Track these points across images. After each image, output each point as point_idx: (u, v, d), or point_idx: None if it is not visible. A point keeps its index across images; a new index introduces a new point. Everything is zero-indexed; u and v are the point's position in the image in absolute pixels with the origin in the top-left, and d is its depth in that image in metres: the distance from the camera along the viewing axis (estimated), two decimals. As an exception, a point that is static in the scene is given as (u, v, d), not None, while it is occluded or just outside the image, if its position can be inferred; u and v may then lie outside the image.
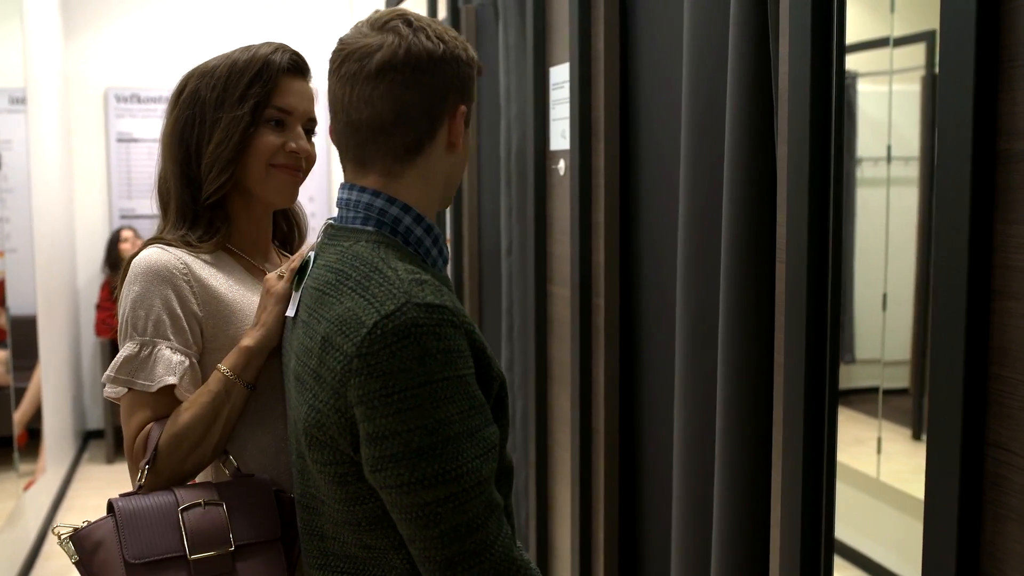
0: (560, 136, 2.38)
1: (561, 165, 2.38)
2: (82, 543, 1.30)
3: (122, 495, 1.34)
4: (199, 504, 1.33)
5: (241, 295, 1.47)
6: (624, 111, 2.13)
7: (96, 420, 6.20)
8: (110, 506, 1.33)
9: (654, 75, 2.02)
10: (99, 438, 6.11)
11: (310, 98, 1.52)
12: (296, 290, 1.33)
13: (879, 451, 3.26)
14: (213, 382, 1.39)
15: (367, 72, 1.20)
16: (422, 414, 1.10)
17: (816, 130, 1.34)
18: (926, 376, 2.96)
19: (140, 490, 1.37)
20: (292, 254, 1.65)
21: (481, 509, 1.13)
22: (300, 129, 1.49)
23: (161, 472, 1.37)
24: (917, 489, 3.04)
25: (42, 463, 4.44)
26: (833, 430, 1.40)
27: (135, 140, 6.15)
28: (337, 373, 1.13)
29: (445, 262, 1.30)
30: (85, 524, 1.31)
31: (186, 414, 1.37)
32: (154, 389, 1.39)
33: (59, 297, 5.21)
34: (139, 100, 6.14)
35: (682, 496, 1.81)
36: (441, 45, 1.22)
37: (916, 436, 3.25)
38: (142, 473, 1.36)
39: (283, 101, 1.46)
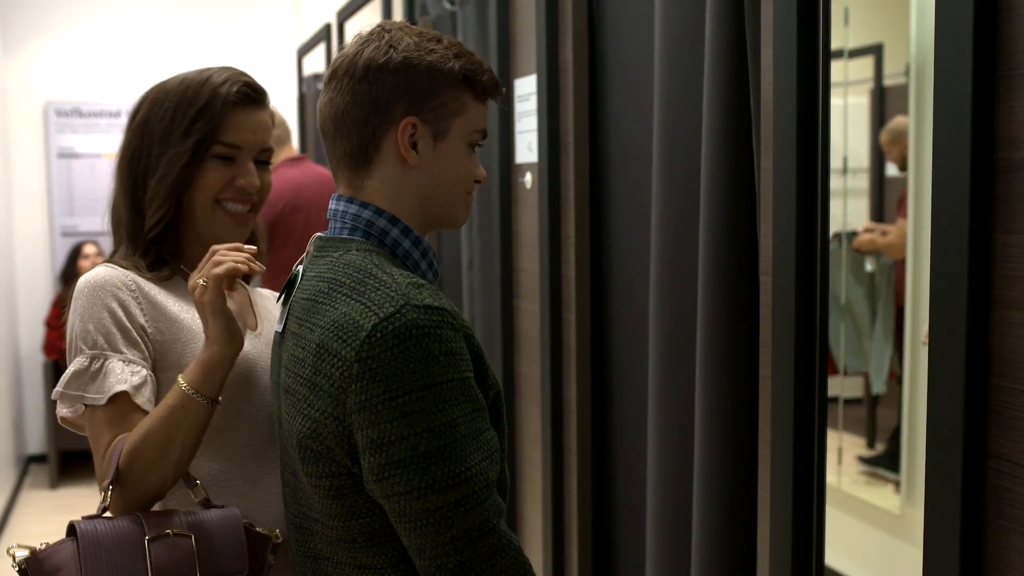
0: (526, 149, 2.35)
1: (527, 178, 2.36)
2: (38, 568, 1.21)
3: (85, 518, 1.26)
4: (167, 535, 1.25)
5: (192, 317, 1.43)
6: (593, 122, 2.11)
7: (38, 444, 6.01)
8: (71, 529, 1.25)
9: (624, 85, 2.00)
10: (41, 463, 5.93)
11: (264, 128, 1.47)
12: (284, 305, 1.29)
13: (840, 461, 3.28)
14: (171, 395, 1.33)
15: (325, 78, 1.25)
16: (428, 417, 1.07)
17: (803, 140, 1.33)
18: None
19: (104, 513, 1.28)
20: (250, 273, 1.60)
21: (492, 512, 1.11)
22: (251, 164, 1.45)
23: (125, 490, 1.29)
24: (874, 497, 3.06)
25: (-17, 490, 4.28)
26: (823, 446, 1.39)
27: (76, 155, 6.00)
28: (336, 380, 1.11)
29: (435, 276, 1.27)
30: (43, 547, 1.23)
31: (142, 427, 1.31)
32: (104, 401, 1.33)
33: (-1, 317, 5.06)
34: (80, 114, 5.99)
35: (657, 515, 1.78)
36: (395, 55, 1.18)
37: (870, 445, 3.28)
38: (106, 495, 1.29)
39: (230, 136, 1.43)
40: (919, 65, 2.64)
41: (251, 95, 1.45)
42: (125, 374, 1.34)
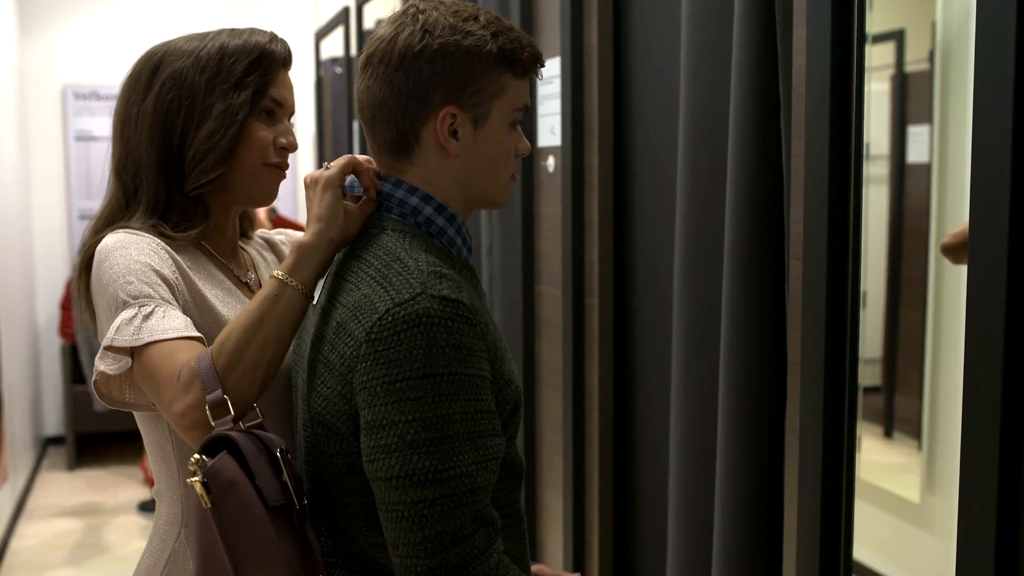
0: (549, 132, 2.33)
1: (550, 162, 2.34)
2: (216, 480, 1.11)
3: (227, 430, 1.15)
4: (282, 450, 1.16)
5: (215, 296, 1.38)
6: (618, 106, 2.09)
7: (55, 426, 6.04)
8: (221, 443, 1.14)
9: (649, 68, 1.98)
10: (59, 445, 5.96)
11: (293, 91, 1.46)
12: (321, 277, 1.28)
13: (859, 450, 3.27)
14: (267, 287, 1.22)
15: (361, 62, 1.22)
16: (422, 406, 1.06)
17: (836, 124, 1.31)
18: (897, 374, 2.96)
19: (236, 424, 1.17)
20: (246, 241, 1.56)
21: (470, 519, 1.07)
22: (288, 123, 1.43)
23: (232, 394, 1.17)
24: (893, 486, 3.04)
25: (2, 470, 4.30)
26: (852, 433, 1.37)
27: (95, 138, 6.00)
28: (346, 358, 1.11)
29: (470, 252, 1.26)
30: (207, 461, 1.12)
31: (231, 322, 1.21)
32: (172, 336, 1.20)
33: (17, 299, 5.07)
34: (98, 97, 5.99)
35: (679, 502, 1.77)
36: (431, 41, 1.15)
37: (887, 434, 3.26)
38: (215, 408, 1.16)
39: (278, 93, 1.40)
40: (944, 52, 2.61)
41: (290, 60, 1.43)
42: (187, 322, 1.25)
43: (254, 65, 1.37)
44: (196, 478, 1.12)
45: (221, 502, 1.12)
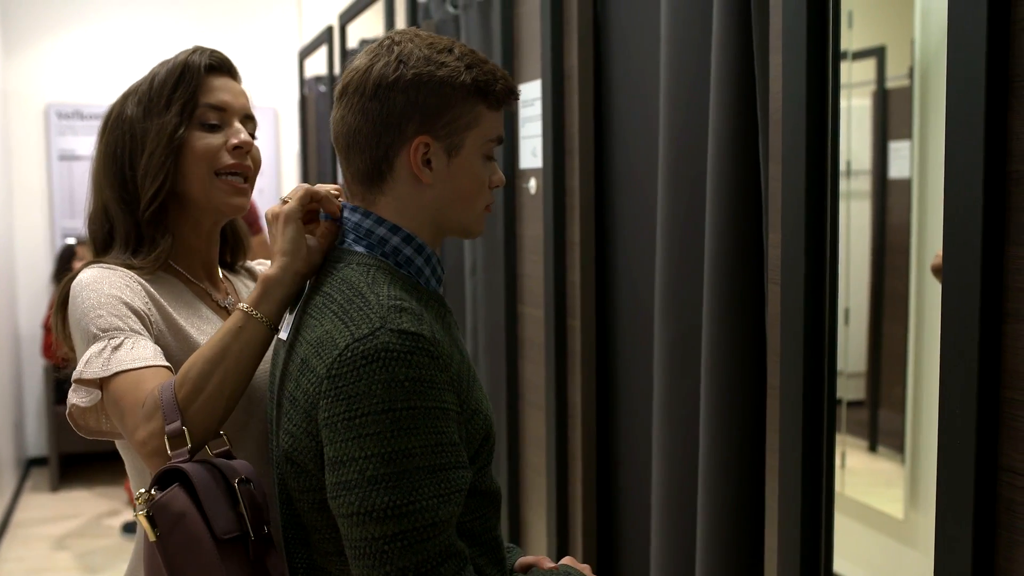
0: (530, 154, 2.34)
1: (532, 184, 2.35)
2: (163, 512, 1.12)
3: (180, 461, 1.16)
4: (242, 479, 1.17)
5: (190, 323, 1.39)
6: (598, 128, 2.10)
7: (39, 447, 6.00)
8: (174, 475, 1.15)
9: (629, 91, 2.00)
10: (42, 466, 5.92)
11: (243, 95, 1.45)
12: (291, 312, 1.28)
13: (843, 465, 3.27)
14: (231, 318, 1.25)
15: (336, 93, 1.22)
16: (381, 442, 1.05)
17: (812, 148, 1.32)
18: (881, 388, 2.97)
19: (191, 456, 1.17)
20: (234, 273, 1.57)
21: (434, 553, 1.07)
22: (239, 124, 1.42)
23: (191, 426, 1.19)
24: (877, 501, 3.05)
25: (-16, 493, 4.27)
26: (831, 455, 1.38)
27: (78, 158, 5.99)
28: (309, 395, 1.11)
29: (439, 282, 1.26)
30: (156, 493, 1.14)
31: (194, 354, 1.23)
32: (140, 365, 1.22)
33: (0, 320, 5.05)
34: (82, 117, 5.98)
35: (662, 523, 1.78)
36: (405, 72, 1.16)
37: (872, 448, 3.27)
38: (173, 439, 1.17)
39: (213, 98, 1.41)
40: (923, 68, 2.63)
41: (223, 64, 1.44)
42: (156, 352, 1.27)
43: (179, 81, 1.40)
44: (141, 512, 1.13)
45: (167, 535, 1.13)
